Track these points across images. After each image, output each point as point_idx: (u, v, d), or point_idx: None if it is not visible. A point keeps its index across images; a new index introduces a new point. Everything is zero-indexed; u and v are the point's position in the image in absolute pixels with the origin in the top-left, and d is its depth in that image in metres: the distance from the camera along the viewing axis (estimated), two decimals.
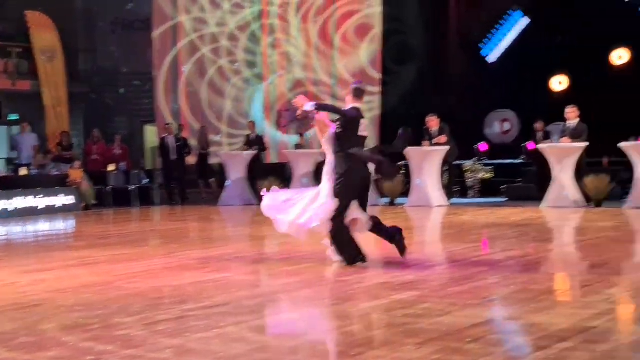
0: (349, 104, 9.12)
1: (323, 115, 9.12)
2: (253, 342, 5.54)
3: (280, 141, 24.43)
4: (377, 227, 9.01)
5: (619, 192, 17.86)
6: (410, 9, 23.33)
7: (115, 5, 26.66)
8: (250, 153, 20.07)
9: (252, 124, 21.52)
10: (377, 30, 23.38)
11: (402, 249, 8.97)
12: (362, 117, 9.05)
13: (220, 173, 21.72)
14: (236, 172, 19.81)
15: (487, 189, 20.26)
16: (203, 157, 21.95)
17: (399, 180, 18.63)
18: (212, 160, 22.25)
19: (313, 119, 9.15)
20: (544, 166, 17.20)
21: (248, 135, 21.09)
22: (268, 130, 24.32)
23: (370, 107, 23.76)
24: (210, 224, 15.78)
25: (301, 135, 20.25)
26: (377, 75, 23.43)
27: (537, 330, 5.60)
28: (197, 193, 21.90)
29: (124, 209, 19.75)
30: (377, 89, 23.41)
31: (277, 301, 7.12)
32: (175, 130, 21.91)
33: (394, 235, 9.02)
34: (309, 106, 8.90)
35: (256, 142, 20.86)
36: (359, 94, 9.13)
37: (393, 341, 5.47)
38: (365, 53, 23.60)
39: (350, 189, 8.81)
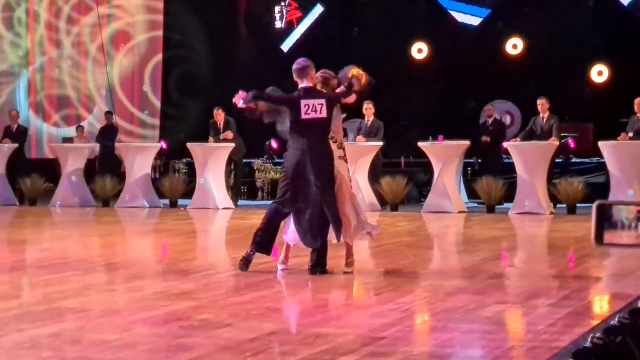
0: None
1: None
2: None
3: (47, 134, 23.75)
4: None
5: (416, 194, 18.53)
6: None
7: None
8: (10, 146, 19.31)
9: (15, 114, 20.70)
10: (159, 56, 23.66)
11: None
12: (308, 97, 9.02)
13: None
14: None
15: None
16: None
17: (179, 179, 18.68)
18: None
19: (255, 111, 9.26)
20: None
21: (9, 126, 20.26)
22: (34, 121, 23.62)
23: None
24: None
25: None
26: (158, 105, 23.59)
27: (322, 342, 5.66)
28: None
29: None
30: (157, 121, 23.57)
31: (35, 313, 6.89)
32: None
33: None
34: (245, 100, 9.07)
35: (18, 134, 20.06)
36: (301, 72, 9.24)
37: (164, 357, 5.42)
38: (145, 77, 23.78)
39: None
